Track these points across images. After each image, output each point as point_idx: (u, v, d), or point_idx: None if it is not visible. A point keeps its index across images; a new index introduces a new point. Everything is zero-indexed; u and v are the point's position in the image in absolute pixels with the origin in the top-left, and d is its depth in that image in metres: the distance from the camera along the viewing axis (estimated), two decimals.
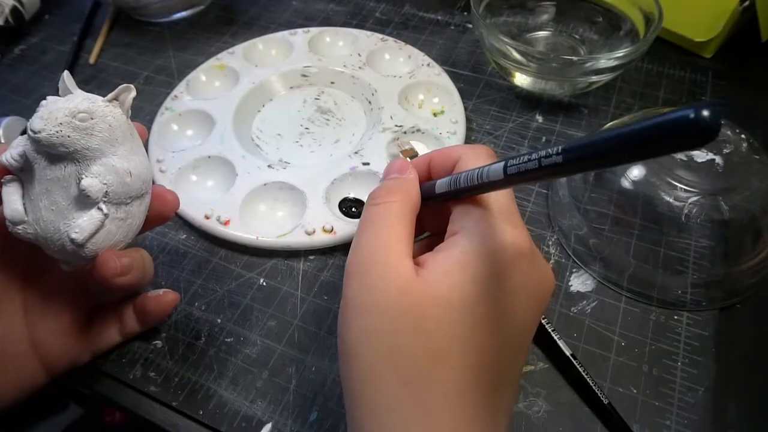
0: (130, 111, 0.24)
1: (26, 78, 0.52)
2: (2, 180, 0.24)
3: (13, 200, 0.23)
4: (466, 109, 0.44)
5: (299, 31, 0.51)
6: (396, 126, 0.42)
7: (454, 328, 0.20)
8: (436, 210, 0.25)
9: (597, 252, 0.34)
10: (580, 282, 0.34)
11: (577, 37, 0.49)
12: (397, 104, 0.43)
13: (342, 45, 0.51)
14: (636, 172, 0.33)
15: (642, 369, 0.30)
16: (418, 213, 0.25)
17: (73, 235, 0.22)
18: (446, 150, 0.26)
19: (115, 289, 0.25)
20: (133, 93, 0.24)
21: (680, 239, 0.32)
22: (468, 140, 0.42)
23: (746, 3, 0.44)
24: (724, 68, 0.47)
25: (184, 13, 0.57)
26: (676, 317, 0.32)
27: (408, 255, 0.21)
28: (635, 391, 0.29)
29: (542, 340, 0.31)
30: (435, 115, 0.44)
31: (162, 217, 0.28)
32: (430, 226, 0.28)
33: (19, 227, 0.23)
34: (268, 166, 0.39)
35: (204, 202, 0.38)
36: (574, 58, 0.40)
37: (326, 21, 0.56)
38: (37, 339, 0.27)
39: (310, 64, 0.48)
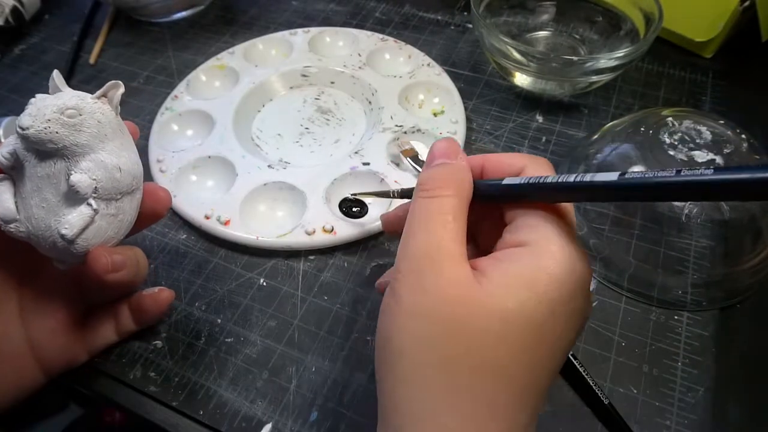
0: (119, 107, 0.24)
1: (26, 78, 0.52)
2: None
3: (5, 199, 0.23)
4: (466, 109, 0.44)
5: (299, 31, 0.51)
6: (396, 126, 0.42)
7: (516, 346, 0.19)
8: (476, 208, 0.24)
9: (597, 252, 0.34)
10: None
11: (577, 37, 0.49)
12: (397, 104, 0.43)
13: (342, 45, 0.51)
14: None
15: (642, 369, 0.30)
16: None
17: (63, 231, 0.22)
18: (503, 156, 0.24)
19: (109, 286, 0.25)
20: (121, 89, 0.24)
21: (680, 239, 0.32)
22: (468, 140, 0.42)
23: (746, 3, 0.44)
24: (724, 68, 0.47)
25: (184, 13, 0.57)
26: (676, 317, 0.32)
27: (464, 257, 0.21)
28: (635, 391, 0.29)
29: None
30: (435, 115, 0.44)
31: (155, 214, 0.27)
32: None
33: (11, 226, 0.23)
34: (268, 166, 0.39)
35: (204, 202, 0.38)
36: (574, 58, 0.40)
37: (326, 21, 0.56)
38: (33, 339, 0.27)
39: (310, 64, 0.48)
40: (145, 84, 0.50)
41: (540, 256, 0.20)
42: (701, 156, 0.32)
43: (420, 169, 0.37)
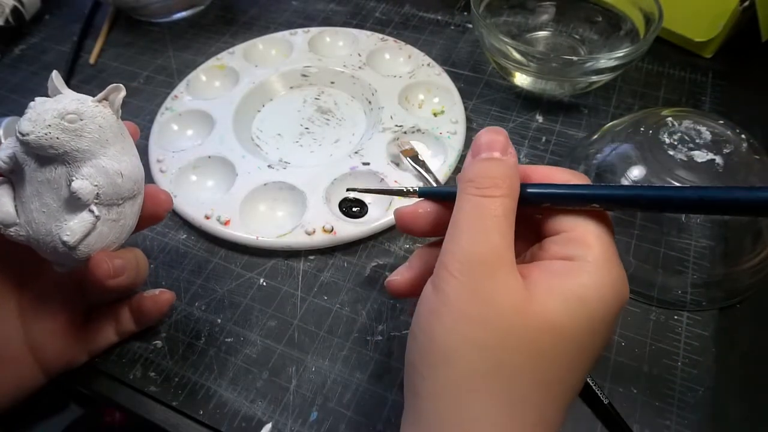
0: (120, 111, 0.24)
1: (26, 78, 0.52)
2: None
3: (4, 203, 0.23)
4: (466, 109, 0.44)
5: (299, 31, 0.52)
6: (396, 126, 0.42)
7: (568, 362, 0.20)
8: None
9: None
10: None
11: (577, 37, 0.49)
12: (397, 104, 0.43)
13: (342, 45, 0.51)
14: (636, 172, 0.33)
15: (642, 369, 0.30)
16: None
17: (65, 238, 0.22)
18: (545, 169, 0.23)
19: (110, 290, 0.25)
20: (123, 93, 0.24)
21: (680, 239, 0.32)
22: (468, 140, 0.42)
23: (746, 3, 0.44)
24: (724, 68, 0.47)
25: (184, 13, 0.57)
26: (676, 317, 0.32)
27: (515, 265, 0.20)
28: (635, 391, 0.29)
29: None
30: (435, 115, 0.44)
31: (155, 216, 0.27)
32: None
33: (11, 230, 0.23)
34: (268, 166, 0.39)
35: (204, 202, 0.38)
36: (574, 58, 0.40)
37: (326, 21, 0.56)
38: (33, 340, 0.27)
39: (310, 64, 0.48)
40: (145, 84, 0.50)
41: (592, 273, 0.20)
42: (701, 156, 0.32)
43: (420, 170, 0.37)
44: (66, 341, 0.28)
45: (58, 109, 0.22)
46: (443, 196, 0.25)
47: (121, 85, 0.23)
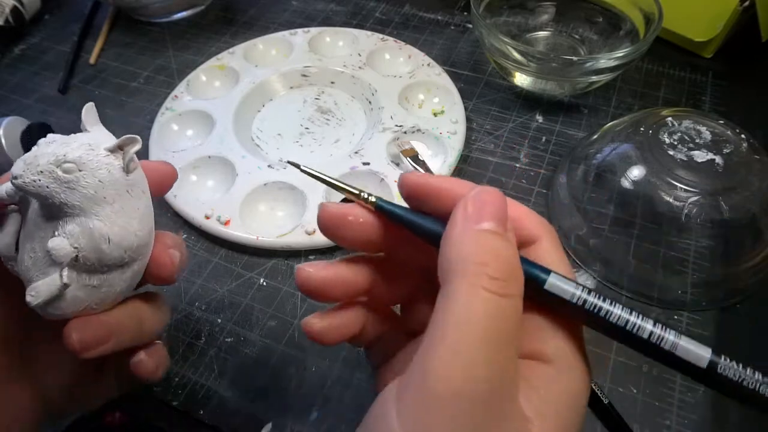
0: (133, 164, 0.21)
1: (26, 78, 0.52)
2: (5, 211, 0.22)
3: (7, 233, 0.22)
4: (466, 109, 0.44)
5: (299, 31, 0.51)
6: (396, 126, 0.42)
7: None
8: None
9: (597, 252, 0.34)
10: (580, 282, 0.34)
11: (577, 37, 0.49)
12: (397, 104, 0.43)
13: (342, 45, 0.51)
14: (636, 172, 0.33)
15: (642, 369, 0.30)
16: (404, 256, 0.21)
17: (28, 298, 0.20)
18: (515, 212, 0.19)
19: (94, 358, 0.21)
20: (138, 145, 0.21)
21: (680, 239, 0.32)
22: (468, 140, 0.42)
23: (746, 3, 0.44)
24: (724, 68, 0.47)
25: (184, 13, 0.57)
26: (676, 317, 0.32)
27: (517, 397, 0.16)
28: (635, 391, 0.29)
29: None
30: (435, 115, 0.44)
31: (158, 280, 0.23)
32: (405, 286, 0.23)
33: (10, 263, 0.22)
34: (268, 166, 0.39)
35: (204, 202, 0.38)
36: (574, 58, 0.40)
37: (326, 21, 0.56)
38: (40, 388, 0.24)
39: (310, 64, 0.48)
40: (145, 84, 0.50)
41: (575, 378, 0.17)
42: (701, 156, 0.32)
43: (420, 170, 0.37)
44: (76, 395, 0.26)
45: (57, 155, 0.19)
46: (408, 224, 0.20)
47: (137, 137, 0.21)
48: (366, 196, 0.21)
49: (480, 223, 0.17)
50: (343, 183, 0.21)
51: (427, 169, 0.37)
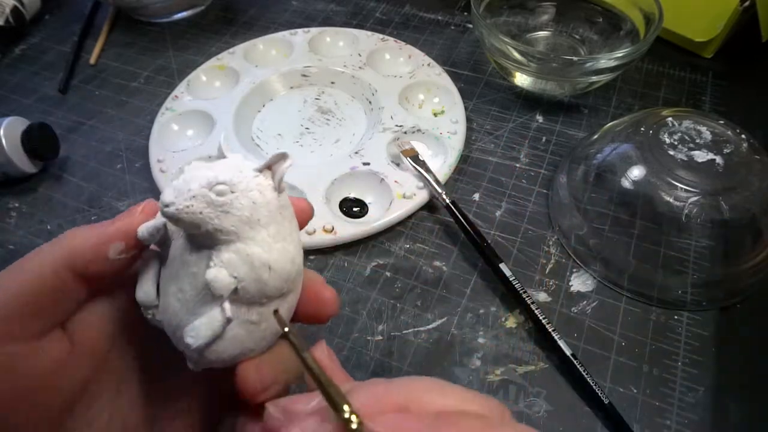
0: (283, 184, 0.19)
1: (26, 78, 0.52)
2: (142, 255, 0.21)
3: (147, 281, 0.20)
4: (466, 109, 0.44)
5: (299, 31, 0.52)
6: (396, 126, 0.42)
7: None
8: None
9: (597, 252, 0.34)
10: (580, 282, 0.34)
11: (577, 37, 0.49)
12: (397, 104, 0.43)
13: (342, 45, 0.51)
14: (636, 172, 0.33)
15: (642, 369, 0.30)
16: None
17: (188, 340, 0.18)
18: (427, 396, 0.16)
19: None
20: (289, 162, 0.19)
21: (680, 239, 0.32)
22: (468, 140, 0.42)
23: (746, 3, 0.44)
24: (724, 68, 0.47)
25: (184, 13, 0.57)
26: (676, 317, 0.32)
27: None
28: (635, 391, 0.29)
29: (543, 340, 0.31)
30: (435, 115, 0.44)
31: (315, 319, 0.21)
32: None
33: (149, 312, 0.20)
34: None
35: None
36: (574, 58, 0.40)
37: (326, 21, 0.56)
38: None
39: (311, 64, 0.48)
40: (146, 84, 0.50)
41: None
42: (701, 156, 0.32)
43: (420, 170, 0.37)
44: None
45: (208, 177, 0.18)
46: None
47: (287, 153, 0.19)
48: (348, 416, 0.15)
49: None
50: (325, 380, 0.16)
51: (428, 169, 0.37)
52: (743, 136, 0.33)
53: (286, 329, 0.18)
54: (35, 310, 0.19)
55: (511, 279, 0.32)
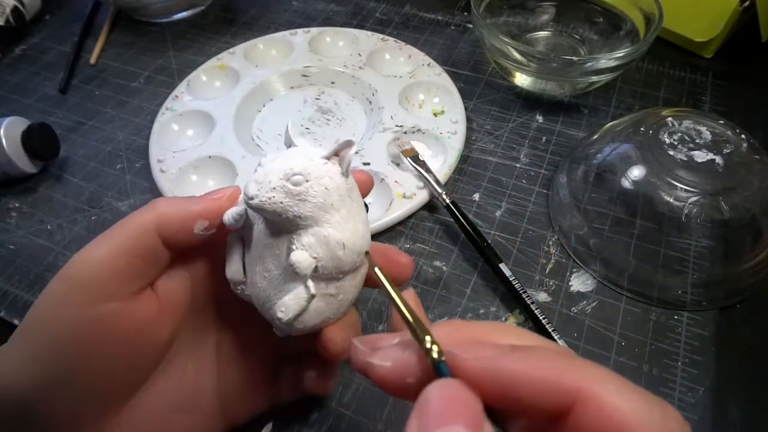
0: (349, 169, 0.21)
1: (26, 78, 0.52)
2: (227, 237, 0.23)
3: (235, 260, 0.23)
4: (466, 109, 0.44)
5: (299, 31, 0.52)
6: (396, 126, 0.42)
7: None
8: None
9: (597, 252, 0.34)
10: (580, 282, 0.34)
11: (577, 37, 0.49)
12: (397, 104, 0.43)
13: (342, 45, 0.51)
14: (636, 172, 0.33)
15: (642, 369, 0.30)
16: None
17: (279, 314, 0.21)
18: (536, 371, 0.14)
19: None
20: (354, 149, 0.21)
21: (680, 239, 0.32)
22: (468, 140, 0.42)
23: (746, 3, 0.44)
24: (724, 68, 0.47)
25: (184, 13, 0.57)
26: (676, 317, 0.32)
27: None
28: None
29: None
30: (435, 115, 0.44)
31: (394, 282, 0.21)
32: None
33: (239, 287, 0.23)
34: None
35: None
36: (574, 58, 0.40)
37: (327, 21, 0.56)
38: (223, 392, 0.25)
39: (311, 64, 0.48)
40: (146, 84, 0.50)
41: None
42: (701, 156, 0.32)
43: (420, 170, 0.37)
44: (254, 396, 0.26)
45: (284, 170, 0.20)
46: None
47: (352, 140, 0.20)
48: (429, 346, 0.15)
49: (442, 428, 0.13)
50: (411, 315, 0.17)
51: (428, 170, 0.37)
52: (743, 136, 0.33)
53: (376, 269, 0.20)
54: (131, 270, 0.21)
55: (511, 279, 0.32)
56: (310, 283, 0.21)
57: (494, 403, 0.14)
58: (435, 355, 0.15)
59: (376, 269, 0.20)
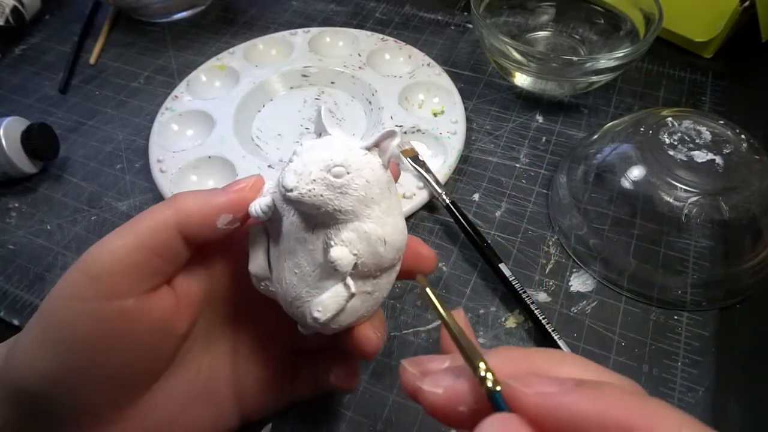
0: (389, 161, 0.20)
1: (26, 78, 0.52)
2: (249, 230, 0.22)
3: (259, 254, 0.21)
4: (466, 109, 0.44)
5: (299, 31, 0.52)
6: (396, 126, 0.42)
7: None
8: None
9: (597, 252, 0.34)
10: (580, 282, 0.34)
11: (577, 37, 0.49)
12: (397, 104, 0.43)
13: (342, 45, 0.51)
14: (636, 172, 0.33)
15: (642, 369, 0.30)
16: None
17: (316, 314, 0.20)
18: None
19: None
20: (398, 139, 0.19)
21: (680, 239, 0.32)
22: (468, 140, 0.42)
23: (746, 3, 0.44)
24: (724, 68, 0.47)
25: (184, 14, 0.57)
26: (676, 317, 0.32)
27: None
28: None
29: (543, 340, 0.31)
30: (435, 115, 0.44)
31: (418, 272, 0.22)
32: None
33: (263, 283, 0.22)
34: (269, 166, 0.39)
35: None
36: (574, 59, 0.40)
37: (326, 21, 0.56)
38: (239, 386, 0.25)
39: (311, 64, 0.48)
40: (146, 84, 0.50)
41: None
42: (701, 156, 0.32)
43: (420, 170, 0.37)
44: (270, 390, 0.26)
45: (325, 160, 0.18)
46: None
47: (396, 130, 0.19)
48: (484, 374, 0.14)
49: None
50: (463, 339, 0.16)
51: (428, 170, 0.37)
52: (743, 136, 0.33)
53: (428, 290, 0.17)
54: (150, 267, 0.20)
55: (510, 279, 0.32)
56: (350, 281, 0.20)
57: None
58: (489, 384, 0.14)
59: (428, 290, 0.17)
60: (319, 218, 0.19)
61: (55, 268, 0.37)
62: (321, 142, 0.19)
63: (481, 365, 0.15)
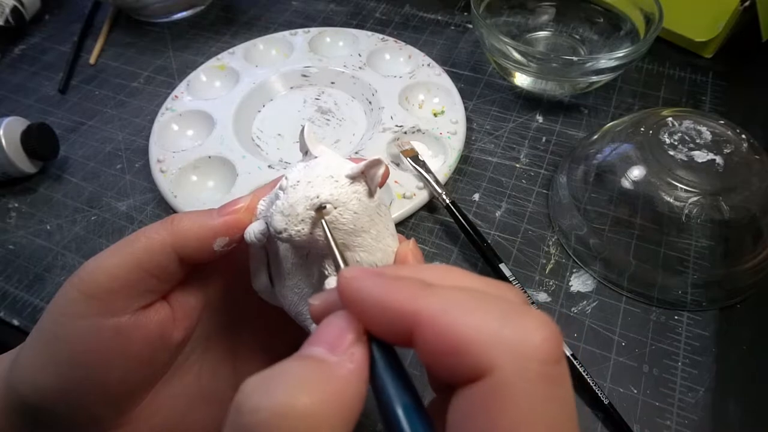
0: (376, 189, 0.20)
1: (26, 78, 0.52)
2: (249, 249, 0.22)
3: (261, 273, 0.23)
4: (466, 109, 0.44)
5: (299, 31, 0.52)
6: (396, 126, 0.42)
7: None
8: None
9: (597, 252, 0.34)
10: (580, 282, 0.34)
11: (577, 37, 0.49)
12: (397, 104, 0.43)
13: (342, 45, 0.51)
14: (636, 172, 0.33)
15: (642, 369, 0.30)
16: None
17: (312, 330, 0.21)
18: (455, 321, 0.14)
19: None
20: (382, 169, 0.19)
21: (680, 239, 0.32)
22: (468, 140, 0.42)
23: (746, 3, 0.44)
24: (724, 68, 0.47)
25: (184, 14, 0.57)
26: (676, 317, 0.32)
27: None
28: (635, 391, 0.29)
29: None
30: (435, 115, 0.44)
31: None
32: None
33: (265, 296, 0.23)
34: (269, 166, 0.39)
35: (205, 202, 0.38)
36: (574, 59, 0.40)
37: (326, 21, 0.56)
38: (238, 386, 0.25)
39: (311, 64, 0.48)
40: (146, 84, 0.50)
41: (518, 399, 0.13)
42: (701, 156, 0.32)
43: (420, 170, 0.37)
44: None
45: (311, 198, 0.19)
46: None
47: (380, 159, 0.19)
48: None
49: (303, 355, 0.15)
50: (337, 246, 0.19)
51: (428, 170, 0.37)
52: (743, 136, 0.33)
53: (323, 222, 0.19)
54: (145, 285, 0.21)
55: (511, 279, 0.32)
56: None
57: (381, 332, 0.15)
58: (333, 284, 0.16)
59: (323, 221, 0.19)
60: (312, 251, 0.20)
61: (55, 268, 0.37)
62: (306, 174, 0.19)
63: (342, 267, 0.17)
